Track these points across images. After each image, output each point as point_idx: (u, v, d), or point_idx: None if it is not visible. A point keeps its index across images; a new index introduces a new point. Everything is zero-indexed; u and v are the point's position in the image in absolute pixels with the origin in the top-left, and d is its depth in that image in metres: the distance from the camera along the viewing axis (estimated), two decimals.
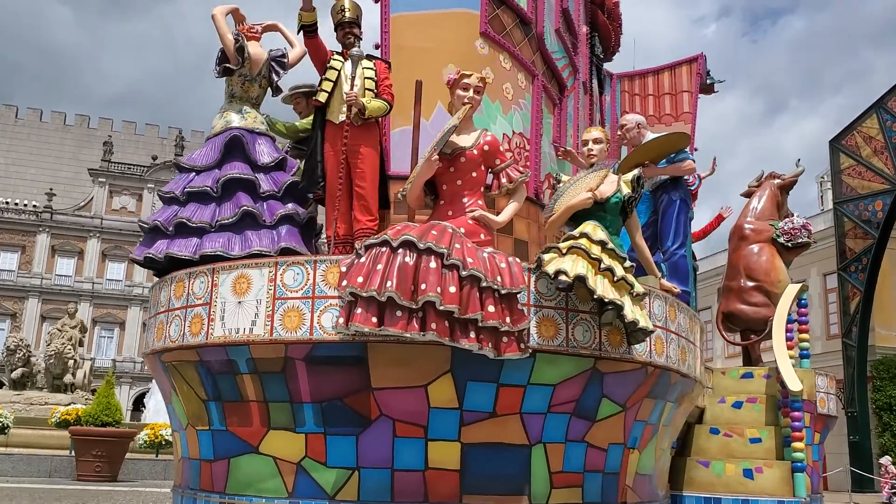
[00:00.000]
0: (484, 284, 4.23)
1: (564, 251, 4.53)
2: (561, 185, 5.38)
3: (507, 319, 4.30)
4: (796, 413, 7.89)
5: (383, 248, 4.22)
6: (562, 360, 4.63)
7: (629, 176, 5.37)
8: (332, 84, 5.47)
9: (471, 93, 4.88)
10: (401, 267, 4.13)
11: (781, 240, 10.05)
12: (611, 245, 4.63)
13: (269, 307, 4.58)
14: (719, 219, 10.37)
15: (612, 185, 5.32)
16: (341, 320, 4.26)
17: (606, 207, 5.26)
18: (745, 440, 8.39)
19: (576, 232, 4.65)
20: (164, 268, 5.40)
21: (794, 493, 7.63)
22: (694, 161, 6.51)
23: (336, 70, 5.49)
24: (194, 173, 5.60)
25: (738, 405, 8.93)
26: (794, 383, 7.90)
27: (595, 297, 4.39)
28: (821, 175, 31.78)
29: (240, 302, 4.66)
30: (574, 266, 4.41)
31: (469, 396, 4.54)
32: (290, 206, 5.48)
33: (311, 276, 4.57)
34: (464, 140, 4.88)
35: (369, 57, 5.65)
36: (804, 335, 9.27)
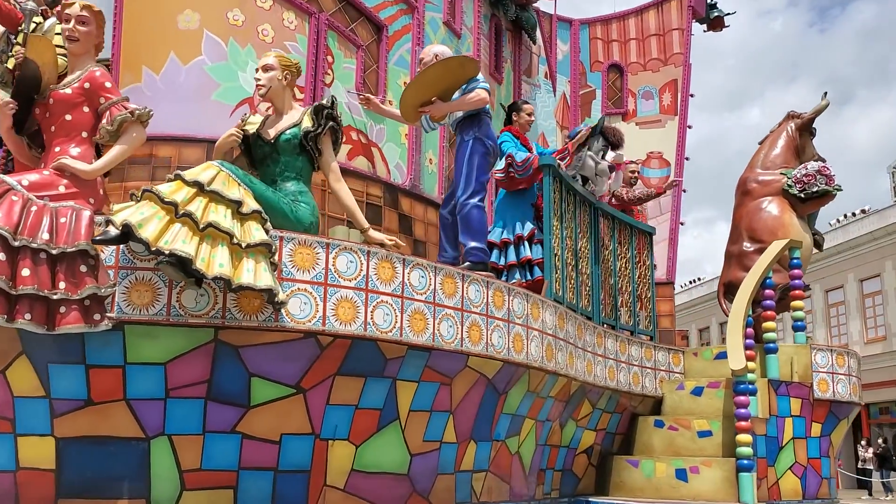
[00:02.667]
0: (16, 244, 3.49)
1: (140, 198, 3.68)
2: None
3: (62, 285, 3.53)
4: (741, 398, 6.30)
5: None
6: (165, 333, 3.75)
7: (311, 108, 4.40)
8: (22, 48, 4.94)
9: (71, 24, 4.11)
10: None
11: (794, 190, 8.23)
12: (213, 187, 3.71)
13: None
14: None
15: (292, 119, 4.37)
16: None
17: (279, 147, 4.32)
18: (693, 434, 6.82)
19: (171, 175, 3.78)
20: None
21: (739, 499, 6.06)
22: (487, 91, 5.23)
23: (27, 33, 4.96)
24: None
25: (697, 392, 7.32)
26: (735, 360, 6.30)
27: (153, 249, 3.50)
28: (893, 165, 27.89)
29: None
30: (133, 213, 3.55)
31: (55, 382, 3.79)
32: None
33: None
34: (63, 80, 4.14)
35: None
36: (797, 303, 7.48)
